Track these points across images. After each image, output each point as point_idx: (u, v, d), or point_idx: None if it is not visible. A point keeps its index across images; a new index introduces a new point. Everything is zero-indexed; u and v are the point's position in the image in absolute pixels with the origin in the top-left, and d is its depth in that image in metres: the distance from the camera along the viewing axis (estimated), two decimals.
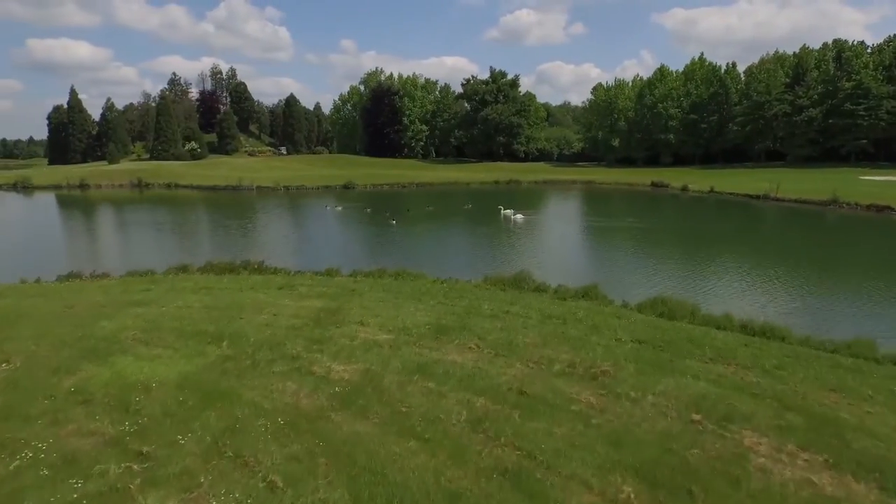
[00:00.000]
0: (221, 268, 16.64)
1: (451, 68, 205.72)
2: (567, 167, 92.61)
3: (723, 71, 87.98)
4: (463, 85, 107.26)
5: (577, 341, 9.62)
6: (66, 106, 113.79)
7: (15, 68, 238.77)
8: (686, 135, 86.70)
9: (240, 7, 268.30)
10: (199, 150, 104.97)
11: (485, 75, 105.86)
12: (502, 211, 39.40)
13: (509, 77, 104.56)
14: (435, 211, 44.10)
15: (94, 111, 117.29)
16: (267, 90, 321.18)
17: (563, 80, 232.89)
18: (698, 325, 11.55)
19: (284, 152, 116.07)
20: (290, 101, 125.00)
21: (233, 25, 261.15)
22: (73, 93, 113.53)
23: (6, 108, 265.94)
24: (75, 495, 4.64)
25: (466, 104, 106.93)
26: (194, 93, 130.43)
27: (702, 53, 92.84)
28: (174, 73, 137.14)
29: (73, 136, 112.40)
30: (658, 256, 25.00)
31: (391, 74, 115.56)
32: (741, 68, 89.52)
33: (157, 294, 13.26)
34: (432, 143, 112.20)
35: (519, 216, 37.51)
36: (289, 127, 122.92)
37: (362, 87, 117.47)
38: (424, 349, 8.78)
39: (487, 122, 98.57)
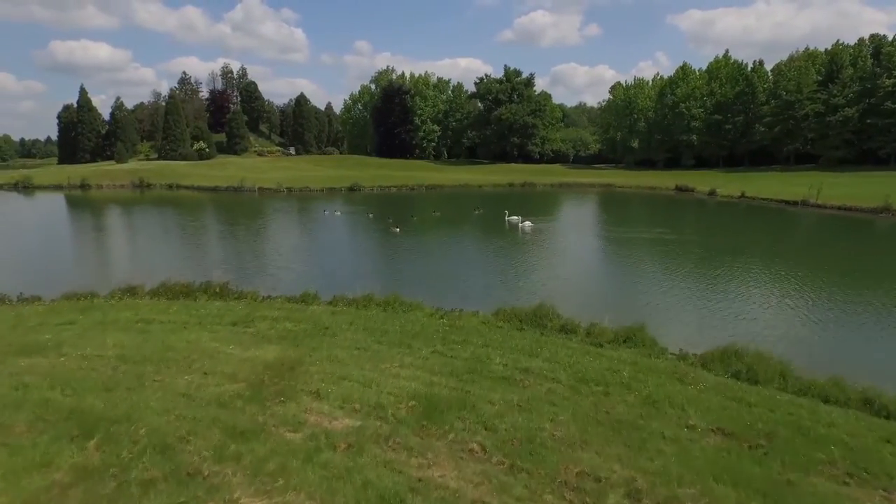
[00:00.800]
0: (177, 290, 13.75)
1: (465, 69, 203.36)
2: (584, 169, 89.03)
3: (749, 69, 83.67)
4: (476, 84, 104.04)
5: (632, 431, 6.48)
6: (75, 105, 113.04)
7: (37, 69, 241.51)
8: (709, 136, 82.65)
9: (256, 9, 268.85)
10: (207, 149, 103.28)
11: (499, 76, 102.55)
12: (507, 217, 35.97)
13: (524, 76, 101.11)
14: (442, 216, 40.80)
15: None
16: (282, 91, 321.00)
17: (578, 82, 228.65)
18: (794, 393, 8.30)
19: (293, 152, 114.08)
20: (301, 101, 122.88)
21: (249, 27, 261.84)
22: (82, 92, 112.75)
23: (29, 109, 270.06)
24: None
25: (479, 104, 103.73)
26: (205, 92, 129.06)
27: (727, 51, 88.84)
28: (184, 73, 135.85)
29: (82, 135, 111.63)
30: (705, 279, 20.49)
31: (403, 73, 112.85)
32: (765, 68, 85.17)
33: (76, 331, 10.38)
34: (444, 143, 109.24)
35: (528, 224, 33.96)
36: (299, 127, 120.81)
37: (373, 86, 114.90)
38: (401, 453, 5.71)
39: (501, 122, 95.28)
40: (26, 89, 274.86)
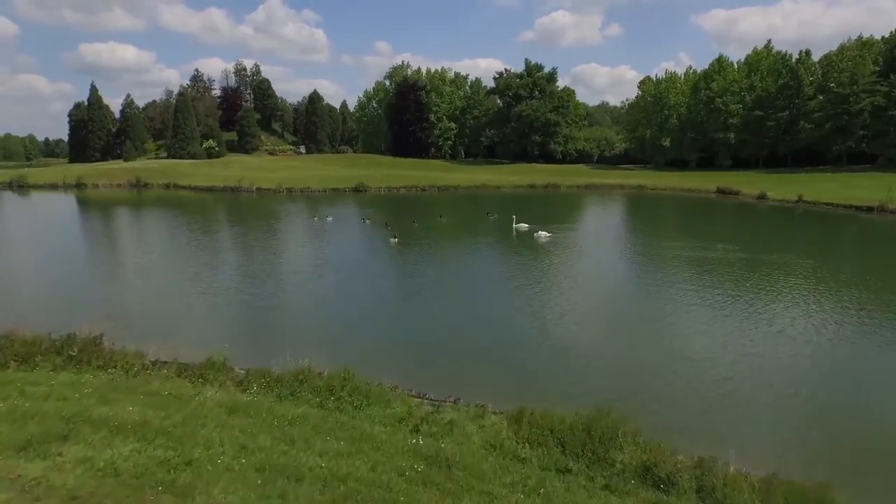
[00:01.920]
0: (13, 351, 8.82)
1: (485, 70, 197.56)
2: (610, 170, 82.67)
3: (794, 60, 76.17)
4: (495, 79, 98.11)
5: None
6: (86, 103, 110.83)
7: (67, 72, 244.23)
8: (748, 133, 75.40)
9: (277, 10, 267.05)
10: (216, 148, 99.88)
11: (519, 71, 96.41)
12: (515, 224, 30.54)
13: (546, 71, 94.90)
14: (449, 222, 35.12)
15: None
16: (303, 91, 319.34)
17: (599, 82, 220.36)
18: None
19: (303, 151, 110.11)
20: (314, 99, 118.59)
21: (271, 28, 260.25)
22: (92, 90, 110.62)
23: (58, 110, 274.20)
24: None
25: (499, 100, 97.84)
26: (217, 90, 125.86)
27: (769, 41, 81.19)
28: (196, 70, 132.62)
29: (92, 133, 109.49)
30: (851, 336, 13.01)
31: (418, 69, 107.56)
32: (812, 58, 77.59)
33: None
34: (461, 142, 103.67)
35: (543, 233, 28.36)
36: (311, 125, 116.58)
37: (388, 83, 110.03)
38: None
39: (522, 119, 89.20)
40: (58, 91, 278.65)
